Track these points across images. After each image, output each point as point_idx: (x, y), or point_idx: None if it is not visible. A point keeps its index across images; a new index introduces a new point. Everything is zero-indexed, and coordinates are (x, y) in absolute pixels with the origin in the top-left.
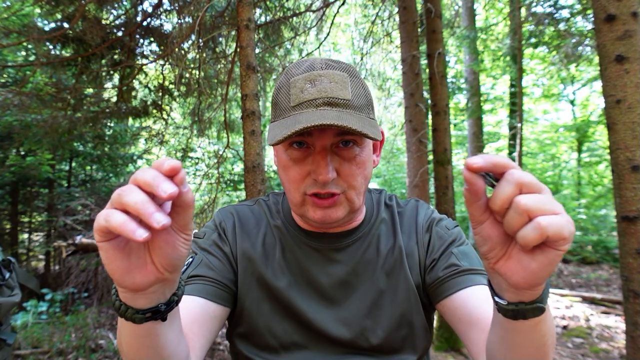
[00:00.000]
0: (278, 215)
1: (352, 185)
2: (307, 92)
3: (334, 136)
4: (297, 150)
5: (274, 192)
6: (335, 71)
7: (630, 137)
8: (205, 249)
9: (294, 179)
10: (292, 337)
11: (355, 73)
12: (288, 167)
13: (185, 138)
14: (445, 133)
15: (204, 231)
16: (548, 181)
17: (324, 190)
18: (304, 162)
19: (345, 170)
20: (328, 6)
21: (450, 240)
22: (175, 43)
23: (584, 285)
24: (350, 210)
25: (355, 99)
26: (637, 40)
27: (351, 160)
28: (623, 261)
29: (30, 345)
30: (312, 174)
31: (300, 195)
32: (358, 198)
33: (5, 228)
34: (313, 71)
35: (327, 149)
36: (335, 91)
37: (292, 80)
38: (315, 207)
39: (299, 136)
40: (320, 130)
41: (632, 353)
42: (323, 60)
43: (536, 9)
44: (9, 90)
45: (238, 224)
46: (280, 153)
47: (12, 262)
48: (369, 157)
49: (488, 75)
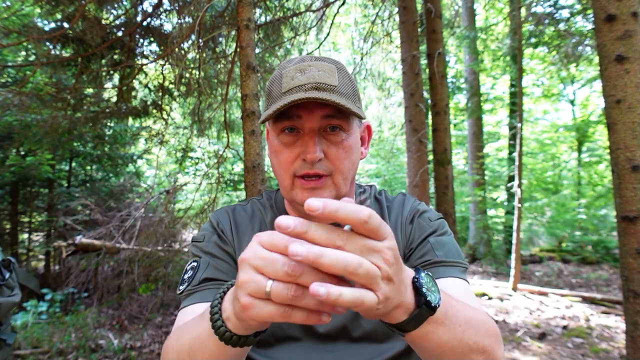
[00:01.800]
0: (271, 209)
1: (339, 168)
2: (297, 79)
3: (321, 118)
4: (288, 135)
5: (268, 190)
6: (323, 63)
7: (630, 137)
8: (209, 252)
9: (285, 162)
10: (286, 331)
11: (343, 67)
12: (279, 151)
13: (185, 138)
14: (445, 133)
15: (203, 234)
16: (548, 181)
17: (312, 170)
18: (294, 146)
19: (332, 153)
20: (328, 6)
21: (431, 231)
22: (175, 43)
23: (584, 285)
24: (337, 195)
25: (341, 86)
26: (637, 40)
27: (338, 144)
28: (623, 261)
29: (30, 345)
30: (302, 154)
31: (290, 177)
32: (344, 183)
33: (5, 228)
34: (303, 62)
35: (315, 130)
36: (323, 78)
37: (284, 72)
38: (302, 189)
39: (289, 120)
40: (308, 113)
41: (632, 353)
42: (313, 55)
43: (536, 9)
44: (9, 90)
45: (234, 223)
46: (273, 139)
47: (12, 262)
48: (356, 144)
49: (488, 75)
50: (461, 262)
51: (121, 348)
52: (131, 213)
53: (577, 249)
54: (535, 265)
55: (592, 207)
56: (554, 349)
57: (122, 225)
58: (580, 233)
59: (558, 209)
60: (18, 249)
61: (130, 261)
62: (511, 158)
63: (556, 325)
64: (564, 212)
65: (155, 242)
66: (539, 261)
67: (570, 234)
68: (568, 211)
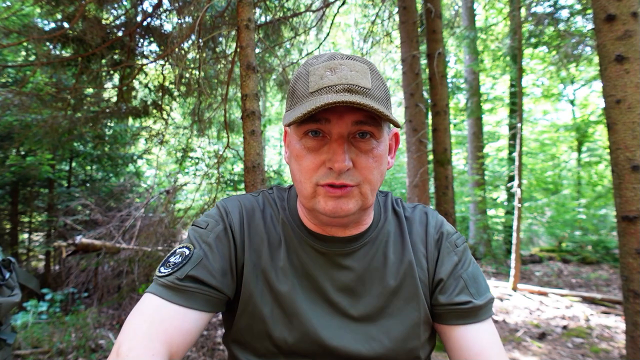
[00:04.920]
0: (283, 211)
1: (368, 178)
2: (327, 78)
3: (352, 124)
4: (312, 139)
5: (278, 186)
6: (356, 62)
7: (630, 137)
8: (208, 243)
9: (307, 169)
10: (293, 346)
11: (375, 69)
12: (302, 156)
13: (185, 138)
14: (445, 133)
15: (207, 221)
16: (548, 181)
17: (338, 181)
18: (319, 152)
19: (362, 163)
20: (328, 6)
21: (458, 261)
22: (175, 43)
23: (584, 285)
24: (362, 206)
25: (375, 89)
26: (637, 40)
27: (368, 153)
28: (623, 261)
29: (30, 345)
30: (328, 162)
31: (312, 186)
32: (372, 194)
33: (5, 228)
34: (334, 60)
35: (345, 137)
36: (355, 79)
37: (311, 69)
38: (327, 197)
39: (316, 123)
40: (338, 117)
41: (632, 353)
42: (344, 53)
43: (536, 9)
44: (9, 90)
45: (245, 216)
46: (294, 143)
47: (12, 262)
48: (385, 153)
49: (488, 75)
50: (490, 297)
51: None
52: (131, 213)
53: (577, 249)
54: (535, 265)
55: (592, 207)
56: (554, 348)
57: (122, 225)
58: (580, 233)
59: (558, 209)
60: (18, 249)
61: (130, 261)
62: (511, 158)
63: (556, 325)
64: (564, 212)
65: (155, 242)
66: (539, 261)
67: (570, 234)
68: (568, 211)
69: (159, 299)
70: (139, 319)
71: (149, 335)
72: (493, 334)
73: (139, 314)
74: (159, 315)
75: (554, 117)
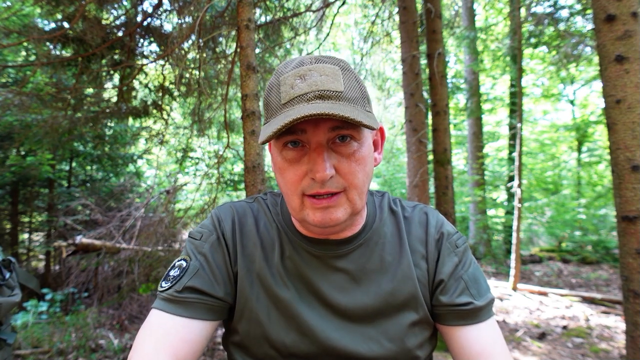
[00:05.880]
0: (276, 216)
1: (353, 183)
2: (297, 87)
3: (329, 131)
4: (292, 150)
5: (272, 192)
6: (325, 65)
7: (630, 137)
8: (203, 253)
9: (291, 181)
10: (292, 348)
11: (348, 67)
12: (284, 169)
13: (185, 138)
14: (445, 133)
15: (201, 231)
16: (548, 181)
17: (323, 189)
18: (300, 162)
19: (344, 168)
20: (328, 6)
21: (459, 261)
22: (175, 43)
23: (584, 285)
24: (352, 212)
25: (348, 91)
26: (637, 40)
27: (350, 157)
28: (623, 261)
29: (31, 345)
30: (310, 173)
31: (299, 197)
32: (360, 198)
33: (5, 228)
34: (302, 66)
35: (324, 145)
36: (326, 84)
37: (281, 79)
38: (314, 209)
39: (292, 135)
40: (314, 126)
41: (632, 353)
42: (313, 56)
43: (536, 9)
44: (9, 90)
45: (238, 223)
46: (276, 155)
47: (12, 262)
48: (369, 153)
49: (488, 75)
50: (491, 297)
51: (121, 348)
52: (131, 213)
53: (577, 249)
54: (535, 265)
55: (592, 207)
56: (554, 348)
57: (122, 225)
58: (580, 233)
59: (558, 209)
60: (18, 249)
61: (130, 261)
62: (511, 158)
63: (556, 325)
64: (564, 212)
65: (155, 242)
66: (538, 261)
67: (570, 234)
68: (568, 211)
69: (162, 313)
70: (145, 335)
71: (155, 350)
72: (495, 332)
73: (145, 329)
74: (163, 329)
75: (553, 117)
